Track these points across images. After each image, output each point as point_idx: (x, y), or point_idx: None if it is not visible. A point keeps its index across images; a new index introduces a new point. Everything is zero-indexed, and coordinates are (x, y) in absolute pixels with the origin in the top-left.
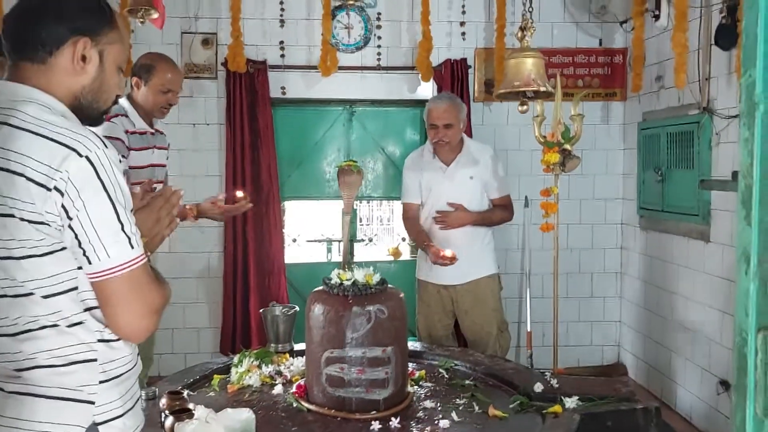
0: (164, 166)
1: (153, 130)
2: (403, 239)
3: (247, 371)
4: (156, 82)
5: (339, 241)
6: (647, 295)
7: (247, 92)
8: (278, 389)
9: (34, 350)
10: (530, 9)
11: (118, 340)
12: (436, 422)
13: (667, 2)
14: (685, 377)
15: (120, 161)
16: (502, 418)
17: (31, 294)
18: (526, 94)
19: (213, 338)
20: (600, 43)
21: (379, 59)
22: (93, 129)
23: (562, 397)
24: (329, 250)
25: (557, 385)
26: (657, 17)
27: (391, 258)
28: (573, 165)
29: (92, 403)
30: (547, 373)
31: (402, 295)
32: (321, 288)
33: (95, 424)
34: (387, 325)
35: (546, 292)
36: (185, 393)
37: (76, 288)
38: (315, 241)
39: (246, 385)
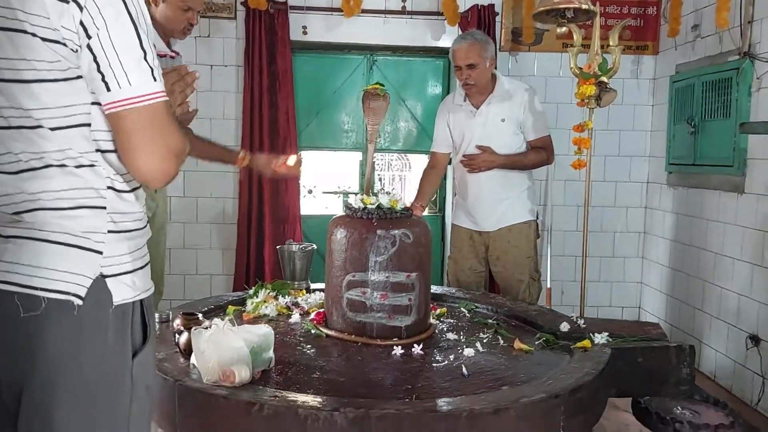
0: (179, 54)
1: (173, 53)
2: None
3: (263, 302)
4: None
5: (355, 194)
6: (672, 253)
7: (267, 33)
8: (295, 318)
9: (37, 190)
10: None
11: (129, 191)
12: (460, 351)
13: None
14: (711, 335)
15: None
16: (528, 351)
17: (39, 127)
18: (565, 15)
19: (226, 285)
20: None
21: (404, 3)
22: None
23: (591, 333)
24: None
25: (584, 326)
26: None
27: None
28: (609, 99)
29: (100, 252)
30: (573, 315)
31: (427, 223)
32: (343, 214)
33: (102, 276)
34: (412, 251)
35: (567, 250)
36: (200, 315)
37: (88, 125)
38: (331, 192)
39: (262, 314)
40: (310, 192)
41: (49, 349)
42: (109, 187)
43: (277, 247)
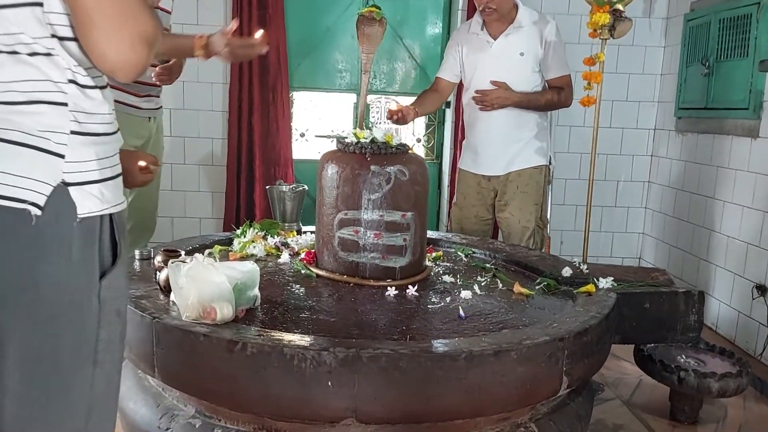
0: (170, 13)
1: (164, 9)
2: (418, 140)
3: (251, 241)
4: None
5: (345, 138)
6: (678, 202)
7: None
8: (285, 258)
9: None
10: None
11: (95, 88)
12: (456, 293)
13: None
14: (714, 285)
15: None
16: (528, 295)
17: None
18: None
19: (215, 229)
20: None
21: None
22: None
23: (595, 278)
24: None
25: (587, 271)
26: None
27: None
28: (624, 29)
29: (61, 156)
30: (576, 260)
31: (424, 161)
32: (334, 149)
33: (65, 184)
34: (407, 189)
35: (567, 198)
36: (182, 252)
37: (40, 4)
38: (324, 136)
39: (249, 254)
40: (302, 135)
41: (3, 266)
42: (70, 81)
43: (267, 187)
